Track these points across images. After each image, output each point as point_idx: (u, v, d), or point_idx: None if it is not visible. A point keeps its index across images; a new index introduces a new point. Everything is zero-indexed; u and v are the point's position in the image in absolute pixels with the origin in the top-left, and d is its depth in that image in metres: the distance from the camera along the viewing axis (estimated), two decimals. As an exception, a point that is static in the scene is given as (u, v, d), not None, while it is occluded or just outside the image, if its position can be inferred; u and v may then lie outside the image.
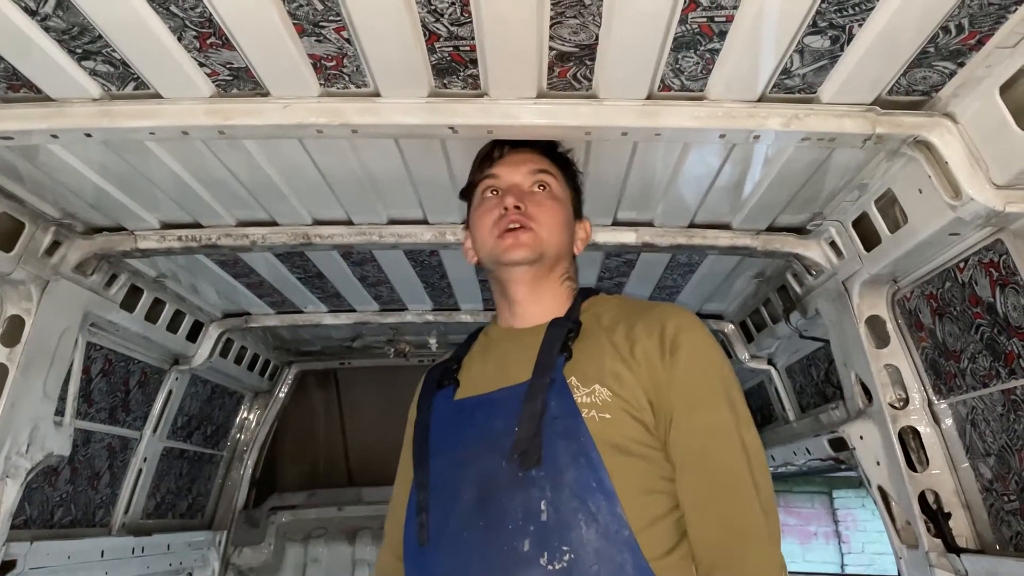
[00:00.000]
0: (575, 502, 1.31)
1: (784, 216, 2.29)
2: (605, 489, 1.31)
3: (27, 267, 2.20)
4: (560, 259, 1.60)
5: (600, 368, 1.41)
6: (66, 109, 1.65)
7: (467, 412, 1.52)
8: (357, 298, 3.22)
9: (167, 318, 3.04)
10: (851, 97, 1.61)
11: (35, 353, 2.32)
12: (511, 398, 1.43)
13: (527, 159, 1.65)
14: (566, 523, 1.30)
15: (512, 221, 1.53)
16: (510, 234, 1.53)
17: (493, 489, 1.37)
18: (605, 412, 1.36)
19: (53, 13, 1.36)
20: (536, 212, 1.56)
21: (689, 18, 1.38)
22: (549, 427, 1.36)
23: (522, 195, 1.57)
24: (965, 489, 2.12)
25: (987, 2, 1.30)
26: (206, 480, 4.07)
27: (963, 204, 1.63)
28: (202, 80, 1.58)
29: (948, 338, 2.06)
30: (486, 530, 1.35)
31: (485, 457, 1.40)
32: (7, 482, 2.30)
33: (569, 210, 1.66)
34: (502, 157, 1.66)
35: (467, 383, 1.57)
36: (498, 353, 1.59)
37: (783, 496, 10.32)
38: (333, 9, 1.36)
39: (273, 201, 2.23)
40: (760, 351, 3.32)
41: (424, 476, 1.50)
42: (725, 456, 1.34)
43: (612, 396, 1.37)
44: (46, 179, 2.03)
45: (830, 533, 10.09)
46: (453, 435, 1.50)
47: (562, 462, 1.33)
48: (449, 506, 1.42)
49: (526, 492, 1.33)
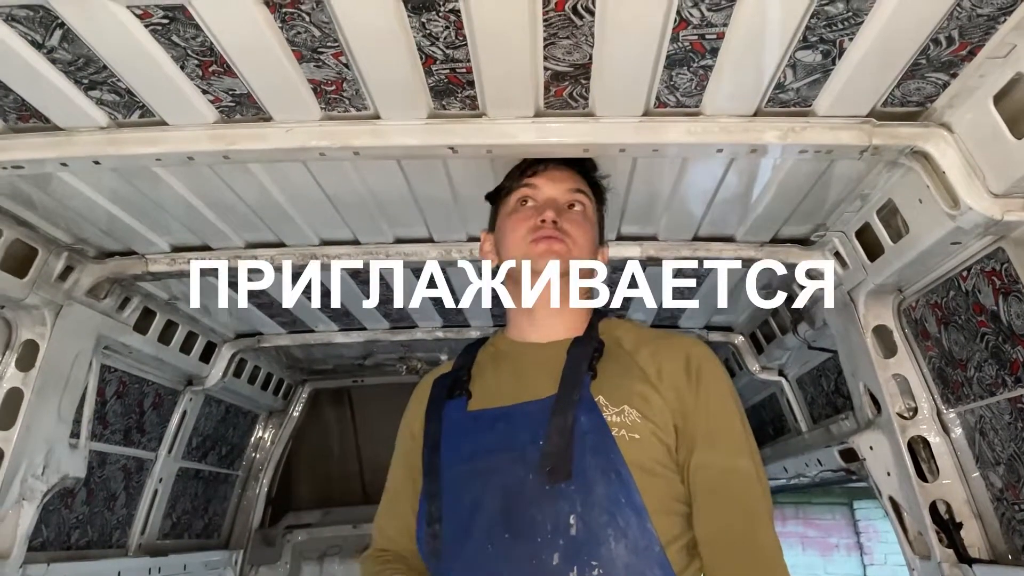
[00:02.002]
0: (605, 517, 1.33)
1: (788, 227, 2.29)
2: (635, 505, 1.34)
3: (41, 292, 2.24)
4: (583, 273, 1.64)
5: (629, 389, 1.45)
6: (74, 138, 1.69)
7: (485, 423, 1.52)
8: (366, 316, 3.24)
9: (180, 339, 3.08)
10: (846, 109, 1.62)
11: (50, 377, 2.36)
12: (536, 411, 1.45)
13: (567, 176, 1.69)
14: (596, 538, 1.32)
15: (548, 232, 1.58)
16: (544, 241, 1.57)
17: (519, 501, 1.38)
18: (635, 432, 1.40)
19: (59, 46, 1.40)
20: (570, 228, 1.60)
21: (680, 36, 1.39)
22: (580, 442, 1.39)
23: (560, 210, 1.62)
24: (976, 499, 2.10)
25: (975, 14, 1.31)
26: (222, 500, 4.10)
27: (961, 213, 1.63)
28: (205, 107, 1.62)
29: (954, 347, 2.05)
30: (512, 542, 1.36)
31: (509, 469, 1.42)
32: (24, 505, 2.34)
33: (596, 232, 1.71)
34: (545, 170, 1.70)
35: (480, 394, 1.58)
36: (514, 366, 1.61)
37: (803, 508, 10.23)
38: (330, 35, 1.39)
39: (280, 223, 2.26)
40: (770, 362, 3.31)
41: (436, 486, 1.50)
42: (743, 485, 1.42)
43: (641, 418, 1.41)
44: (58, 206, 2.07)
45: (852, 545, 9.97)
46: (469, 446, 1.51)
47: (592, 477, 1.36)
48: (468, 517, 1.42)
49: (555, 505, 1.35)
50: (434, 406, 1.61)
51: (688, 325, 3.39)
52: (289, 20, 1.34)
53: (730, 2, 1.29)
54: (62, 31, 1.35)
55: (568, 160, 1.73)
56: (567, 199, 1.65)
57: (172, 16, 1.32)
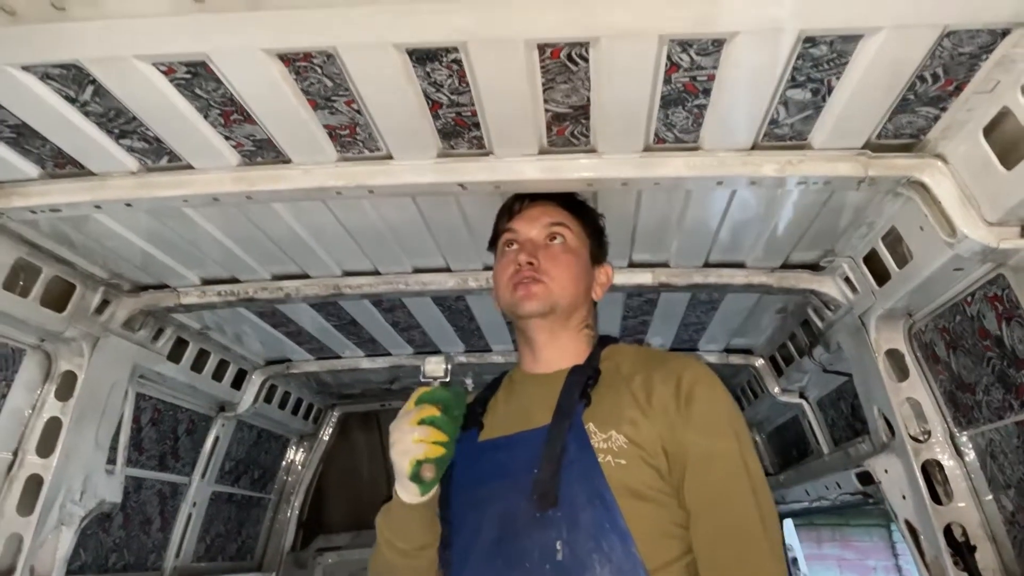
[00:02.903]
0: (591, 543, 1.36)
1: (797, 253, 2.33)
2: (620, 530, 1.36)
3: (79, 325, 2.36)
4: (576, 308, 1.68)
5: (618, 415, 1.47)
6: (107, 182, 1.80)
7: (488, 453, 1.58)
8: (391, 342, 3.33)
9: (212, 367, 3.19)
10: (841, 143, 1.67)
11: (87, 406, 2.47)
12: (531, 440, 1.50)
13: (543, 212, 1.73)
14: (581, 562, 1.35)
15: (525, 276, 1.62)
16: (522, 287, 1.62)
17: (512, 528, 1.43)
18: (621, 458, 1.41)
19: (91, 100, 1.50)
20: (549, 265, 1.64)
21: (673, 78, 1.46)
22: (567, 470, 1.42)
23: (536, 249, 1.66)
24: (990, 522, 2.11)
25: (957, 53, 1.35)
26: (254, 523, 4.19)
27: (959, 241, 1.67)
28: (228, 151, 1.71)
29: (963, 371, 2.07)
30: (504, 568, 1.41)
31: (505, 497, 1.47)
32: (62, 529, 2.43)
33: (584, 259, 1.73)
34: (521, 211, 1.75)
35: (490, 425, 1.64)
36: (520, 397, 1.67)
37: (840, 530, 10.10)
38: (342, 85, 1.47)
39: (303, 256, 2.36)
40: (791, 384, 3.33)
41: (446, 513, 1.57)
42: (738, 505, 1.41)
43: (628, 443, 1.43)
44: (95, 244, 2.19)
45: (890, 567, 9.81)
46: (474, 475, 1.57)
47: (578, 503, 1.39)
48: (470, 544, 1.49)
49: (543, 532, 1.39)
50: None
51: (708, 348, 3.43)
52: (303, 72, 1.43)
53: (717, 47, 1.36)
54: (93, 87, 1.45)
55: (555, 194, 1.78)
56: (547, 234, 1.69)
57: (194, 71, 1.42)
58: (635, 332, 3.17)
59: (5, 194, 1.80)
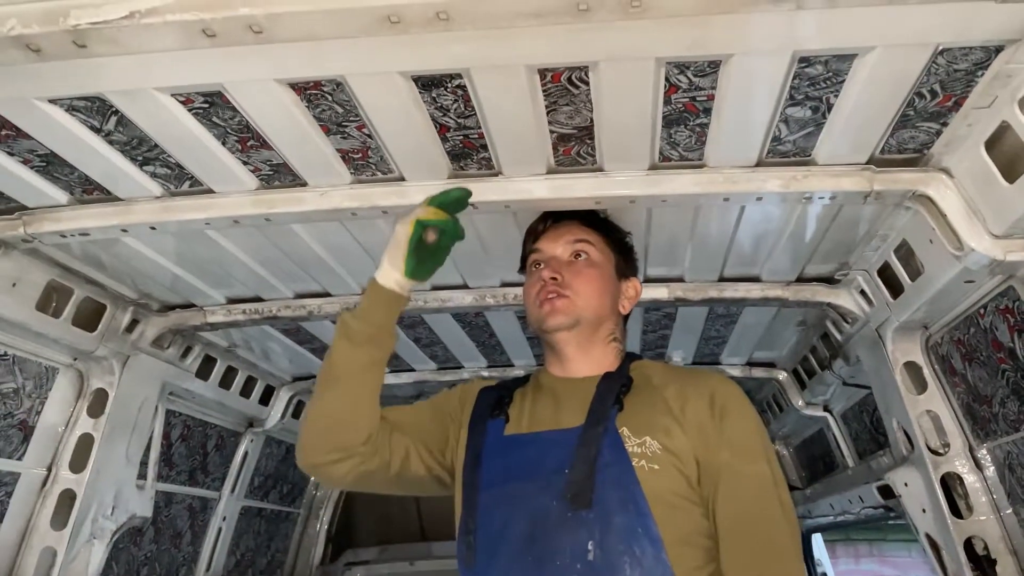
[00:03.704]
0: (622, 545, 1.39)
1: (812, 266, 2.34)
2: (652, 536, 1.39)
3: (109, 344, 2.44)
4: (602, 320, 1.72)
5: (651, 422, 1.52)
6: (133, 207, 1.87)
7: (517, 448, 1.61)
8: (414, 358, 3.38)
9: (240, 384, 3.26)
10: (845, 158, 1.69)
11: (118, 422, 2.54)
12: (563, 441, 1.53)
13: (567, 230, 1.78)
14: (611, 564, 1.38)
15: (549, 291, 1.67)
16: (547, 302, 1.67)
17: (543, 527, 1.46)
18: (655, 463, 1.46)
19: (115, 129, 1.57)
20: (572, 280, 1.69)
21: (673, 99, 1.49)
22: (602, 472, 1.46)
23: (560, 266, 1.71)
24: (1011, 535, 2.09)
25: (952, 69, 1.37)
26: (284, 537, 4.26)
27: (966, 254, 1.67)
28: (247, 176, 1.78)
29: (979, 383, 2.06)
30: (535, 565, 1.43)
31: (536, 496, 1.50)
32: (94, 543, 2.51)
33: (609, 273, 1.77)
34: (545, 231, 1.81)
35: (516, 419, 1.67)
36: (549, 396, 1.70)
37: (877, 545, 9.93)
38: (352, 111, 1.53)
39: (324, 275, 2.42)
40: (815, 398, 3.32)
41: (473, 500, 1.58)
42: (768, 522, 1.46)
43: (662, 449, 1.47)
44: (124, 266, 2.26)
45: (929, 583, 9.60)
46: (502, 469, 1.59)
47: (611, 506, 1.43)
48: (498, 537, 1.51)
49: (575, 532, 1.42)
50: (478, 419, 1.70)
51: (730, 361, 3.43)
52: (314, 100, 1.49)
53: (713, 68, 1.39)
54: (116, 117, 1.52)
55: (579, 212, 1.82)
56: (571, 251, 1.75)
57: (211, 101, 1.48)
58: (656, 346, 3.19)
59: (37, 219, 1.88)
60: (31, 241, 1.92)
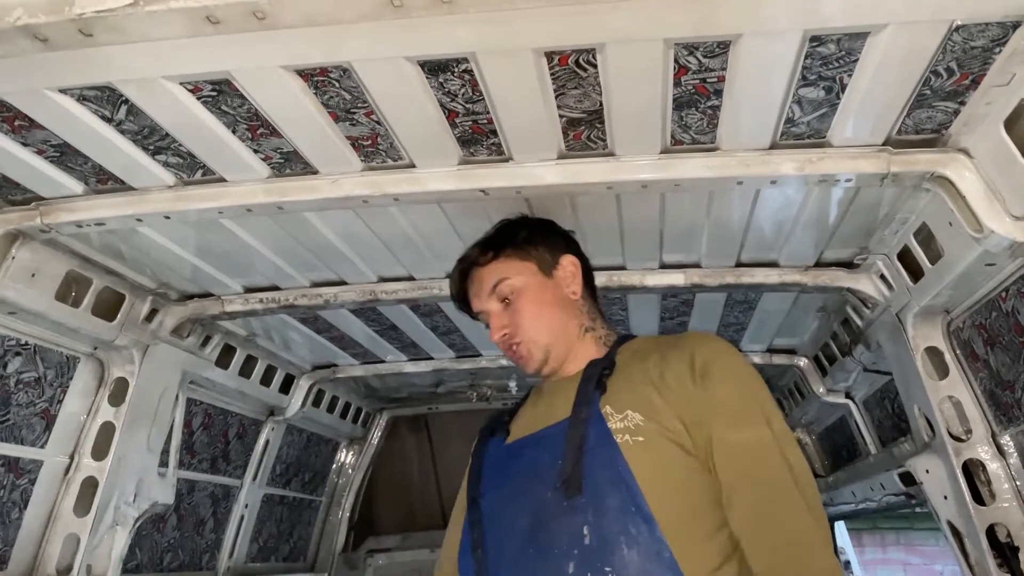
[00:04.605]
0: (616, 526, 1.39)
1: (830, 251, 2.31)
2: (644, 514, 1.38)
3: (129, 334, 2.46)
4: (565, 330, 1.72)
5: (632, 395, 1.50)
6: (147, 196, 1.88)
7: (516, 451, 1.65)
8: (432, 347, 3.39)
9: (260, 373, 3.28)
10: (861, 139, 1.66)
11: (139, 411, 2.57)
12: (554, 434, 1.55)
13: (479, 284, 1.77)
14: (608, 545, 1.38)
15: (508, 349, 1.72)
16: (512, 355, 1.73)
17: (541, 518, 1.47)
18: (639, 435, 1.44)
19: (126, 119, 1.58)
20: (516, 323, 1.70)
21: (683, 81, 1.47)
22: (589, 456, 1.45)
23: (500, 319, 1.72)
24: (1034, 523, 2.06)
25: (969, 47, 1.33)
26: (306, 524, 4.29)
27: (985, 236, 1.64)
28: (258, 164, 1.78)
29: (1002, 368, 2.02)
30: (536, 557, 1.44)
31: (534, 490, 1.51)
32: (117, 530, 2.54)
33: (538, 288, 1.73)
34: (465, 294, 1.82)
35: (516, 429, 1.71)
36: (545, 399, 1.72)
37: (904, 534, 9.83)
38: (360, 98, 1.52)
39: (339, 263, 2.42)
40: (836, 385, 3.27)
41: (476, 515, 1.61)
42: (770, 472, 1.40)
43: (645, 420, 1.45)
44: (141, 256, 2.28)
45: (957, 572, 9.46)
46: (503, 474, 1.63)
47: (602, 489, 1.42)
48: (504, 539, 1.53)
49: (570, 519, 1.42)
50: (478, 447, 1.76)
51: (750, 348, 3.40)
52: (321, 87, 1.49)
53: (723, 49, 1.36)
54: (127, 106, 1.53)
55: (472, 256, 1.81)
56: (496, 299, 1.73)
57: (219, 89, 1.48)
58: (674, 334, 3.16)
59: (53, 210, 1.90)
60: (48, 231, 1.94)
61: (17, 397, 2.25)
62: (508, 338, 1.70)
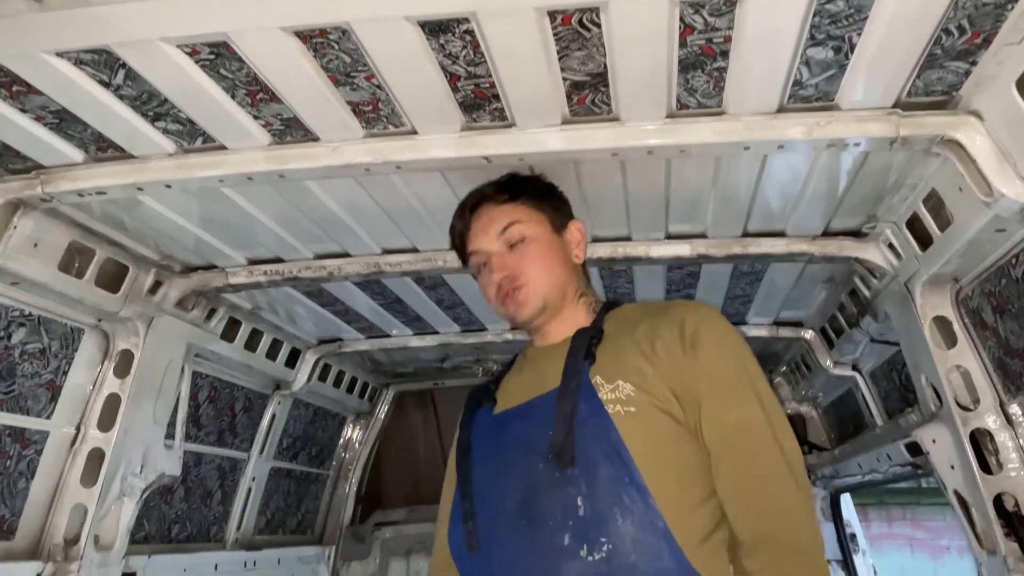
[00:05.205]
0: (610, 497, 1.39)
1: (838, 220, 2.28)
2: (637, 484, 1.39)
3: (133, 306, 2.46)
4: (565, 288, 1.69)
5: (622, 365, 1.50)
6: (147, 164, 1.87)
7: (505, 422, 1.63)
8: (437, 321, 3.38)
9: (265, 346, 3.28)
10: (870, 102, 1.63)
11: (144, 383, 2.58)
12: (544, 404, 1.53)
13: (490, 220, 1.70)
14: (602, 517, 1.38)
15: (507, 291, 1.64)
16: (510, 300, 1.64)
17: (533, 490, 1.47)
18: (630, 406, 1.44)
19: (124, 83, 1.56)
20: (521, 267, 1.65)
21: (688, 41, 1.44)
22: (580, 428, 1.45)
23: (503, 260, 1.66)
24: (1042, 492, 2.04)
25: (981, 3, 1.30)
26: (313, 498, 4.31)
27: (996, 200, 1.61)
28: (258, 131, 1.76)
29: (1011, 336, 2.00)
30: (529, 529, 1.44)
31: (524, 461, 1.50)
32: (124, 500, 2.55)
33: (548, 239, 1.71)
34: (470, 228, 1.73)
35: (503, 399, 1.69)
36: (532, 368, 1.71)
37: (911, 509, 9.84)
38: (360, 60, 1.50)
39: (342, 234, 2.41)
40: (843, 357, 3.26)
41: (467, 486, 1.61)
42: (757, 442, 1.44)
43: (636, 390, 1.46)
44: (144, 227, 2.27)
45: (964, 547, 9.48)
46: (493, 445, 1.62)
47: (595, 460, 1.42)
48: (494, 510, 1.53)
49: (564, 490, 1.42)
50: (466, 416, 1.74)
51: (757, 321, 3.38)
52: (320, 49, 1.46)
53: (729, 7, 1.33)
54: (124, 70, 1.51)
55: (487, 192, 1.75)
56: (504, 240, 1.67)
57: (217, 52, 1.46)
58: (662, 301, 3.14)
59: (54, 179, 1.89)
60: (49, 200, 1.93)
61: (22, 368, 2.25)
62: (509, 281, 1.63)
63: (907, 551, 9.64)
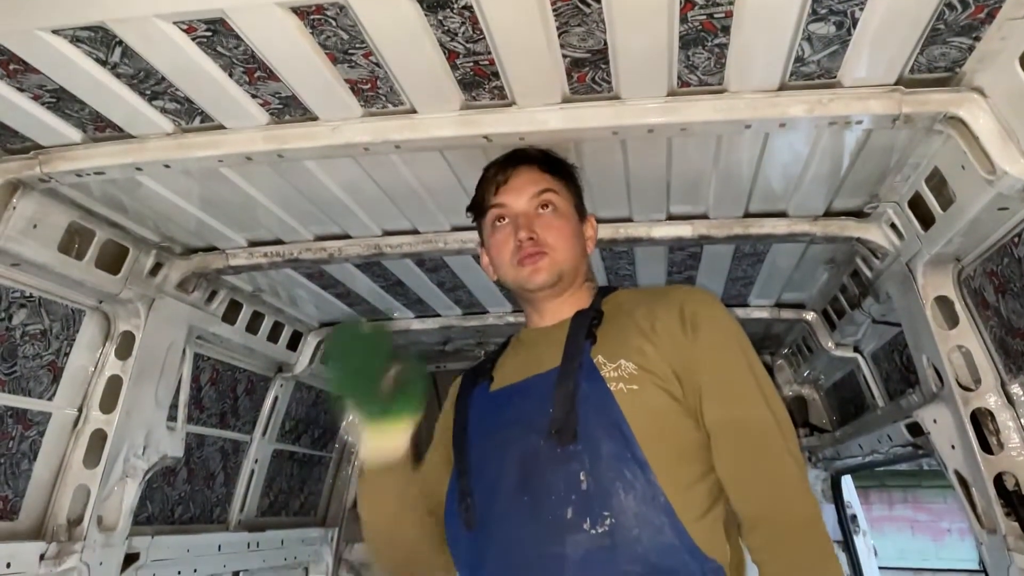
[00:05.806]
0: (612, 472, 1.40)
1: (840, 200, 2.27)
2: (638, 459, 1.40)
3: (134, 287, 2.46)
4: (578, 268, 1.69)
5: (624, 344, 1.51)
6: (145, 144, 1.86)
7: (502, 400, 1.63)
8: (439, 303, 3.38)
9: (267, 329, 3.28)
10: (873, 79, 1.62)
11: (146, 365, 2.58)
12: (543, 383, 1.53)
13: (528, 181, 1.68)
14: (605, 491, 1.39)
15: (528, 252, 1.61)
16: (529, 260, 1.61)
17: (534, 466, 1.47)
18: (633, 384, 1.45)
19: (120, 61, 1.55)
20: (547, 235, 1.63)
21: (689, 17, 1.43)
22: (583, 405, 1.46)
23: (531, 221, 1.64)
24: (1043, 471, 2.04)
25: (985, -25, 1.29)
26: (316, 480, 4.32)
27: (999, 178, 1.60)
28: (257, 110, 1.75)
29: (1012, 316, 1.99)
30: (531, 504, 1.44)
31: (524, 438, 1.50)
32: (127, 481, 2.56)
33: (574, 220, 1.71)
34: (506, 182, 1.70)
35: (500, 377, 1.68)
36: (529, 348, 1.70)
37: (912, 491, 9.87)
38: (357, 37, 1.49)
39: (342, 216, 2.40)
40: (845, 339, 3.25)
41: (464, 464, 1.60)
42: (755, 420, 1.46)
43: (638, 369, 1.47)
44: (144, 208, 2.27)
45: (965, 529, 9.52)
46: (490, 422, 1.61)
47: (597, 437, 1.43)
48: (493, 486, 1.52)
49: (566, 466, 1.43)
50: (462, 395, 1.73)
51: (758, 303, 3.38)
52: (318, 25, 1.45)
53: (730, -19, 1.32)
54: (121, 48, 1.50)
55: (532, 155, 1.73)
56: (537, 203, 1.66)
57: (214, 29, 1.45)
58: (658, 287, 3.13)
59: (52, 158, 1.88)
60: (48, 181, 1.93)
61: (23, 349, 2.25)
62: (533, 244, 1.61)
63: (908, 533, 9.68)
